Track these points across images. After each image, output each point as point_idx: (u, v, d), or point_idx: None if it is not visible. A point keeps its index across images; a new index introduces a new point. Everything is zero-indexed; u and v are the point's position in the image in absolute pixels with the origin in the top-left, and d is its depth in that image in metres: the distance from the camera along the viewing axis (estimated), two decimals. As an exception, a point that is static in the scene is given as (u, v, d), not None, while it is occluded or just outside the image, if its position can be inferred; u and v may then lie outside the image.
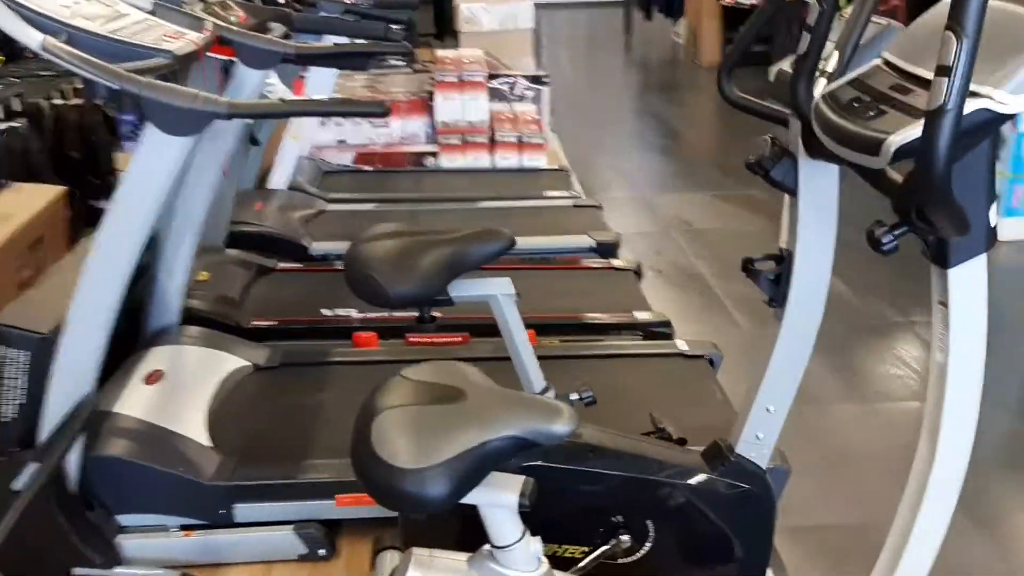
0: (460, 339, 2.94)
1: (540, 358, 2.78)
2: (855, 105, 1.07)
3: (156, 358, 2.46)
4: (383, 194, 4.42)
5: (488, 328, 2.93)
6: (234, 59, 2.52)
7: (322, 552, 2.12)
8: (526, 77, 5.42)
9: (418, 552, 1.26)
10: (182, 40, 2.01)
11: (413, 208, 4.23)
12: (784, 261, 1.65)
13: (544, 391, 1.79)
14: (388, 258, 1.60)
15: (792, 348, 1.68)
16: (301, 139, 4.26)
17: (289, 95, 3.25)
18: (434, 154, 4.94)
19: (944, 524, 1.24)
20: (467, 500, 1.17)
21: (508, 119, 5.03)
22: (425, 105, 5.03)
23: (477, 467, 1.14)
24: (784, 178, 1.56)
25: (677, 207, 4.85)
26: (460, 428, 1.15)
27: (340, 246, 3.69)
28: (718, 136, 6.75)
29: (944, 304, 1.14)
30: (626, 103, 8.16)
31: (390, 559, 2.00)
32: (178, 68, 2.04)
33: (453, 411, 1.19)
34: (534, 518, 1.28)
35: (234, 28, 2.48)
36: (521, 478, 1.22)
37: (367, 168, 4.86)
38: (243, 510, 2.11)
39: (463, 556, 1.28)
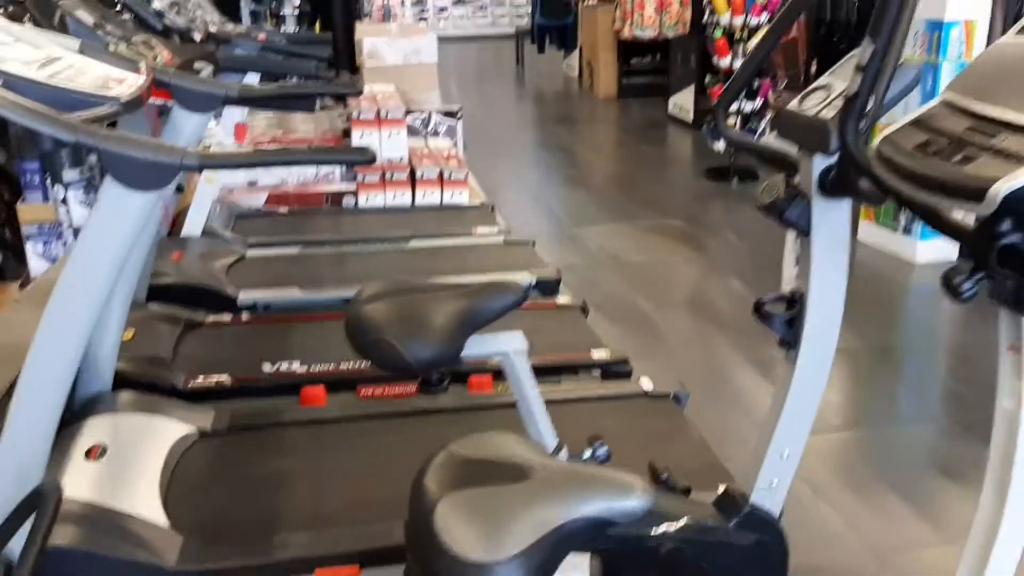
0: (414, 389, 2.81)
1: (502, 406, 2.72)
2: (930, 149, 1.04)
3: (94, 430, 2.25)
4: (304, 236, 4.24)
5: (437, 378, 2.85)
6: (169, 103, 2.36)
7: (301, 635, 1.95)
8: (439, 111, 5.35)
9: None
10: (124, 85, 1.85)
11: (338, 250, 4.07)
12: (796, 303, 1.61)
13: (558, 448, 1.70)
14: (399, 320, 1.48)
15: (806, 390, 1.64)
16: (214, 182, 4.06)
17: (229, 140, 3.07)
18: (352, 193, 4.79)
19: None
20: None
21: (427, 155, 4.94)
22: (339, 142, 4.88)
23: (555, 554, 1.04)
24: (799, 219, 1.53)
25: (601, 239, 4.84)
26: (533, 511, 1.05)
27: (269, 295, 3.51)
28: (626, 167, 6.84)
29: (1017, 350, 1.11)
30: (530, 135, 8.20)
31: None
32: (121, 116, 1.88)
33: (521, 492, 1.09)
34: None
35: (169, 70, 2.32)
36: (586, 558, 1.13)
37: (282, 210, 4.67)
38: (211, 595, 1.93)
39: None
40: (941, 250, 4.34)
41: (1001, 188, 0.93)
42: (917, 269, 4.25)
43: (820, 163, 1.48)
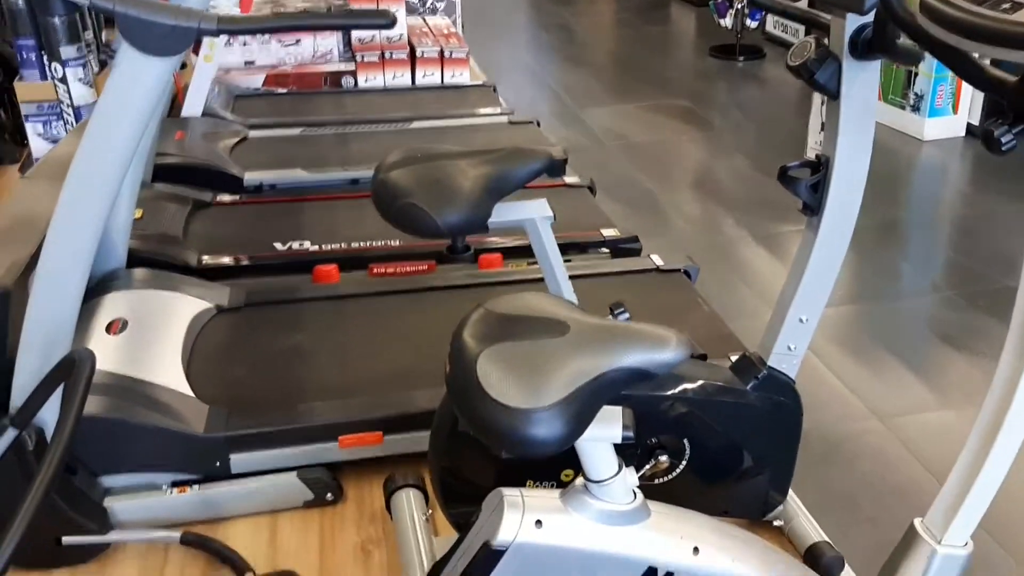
0: (426, 267, 2.83)
1: (514, 282, 2.74)
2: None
3: (112, 306, 2.27)
4: (305, 117, 4.18)
5: (451, 256, 2.87)
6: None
7: (330, 496, 2.02)
8: (438, -12, 5.20)
9: (508, 492, 1.19)
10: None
11: (341, 131, 4.02)
12: (821, 167, 1.61)
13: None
14: (429, 185, 1.47)
15: (827, 256, 1.66)
16: (212, 59, 3.97)
17: (235, 11, 2.99)
18: (351, 73, 4.69)
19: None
20: (571, 437, 1.11)
21: (426, 33, 4.82)
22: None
23: (594, 402, 1.07)
24: (828, 82, 1.51)
25: (607, 120, 4.79)
26: (573, 362, 1.07)
27: (274, 175, 3.49)
28: (628, 47, 6.69)
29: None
30: (528, 15, 7.99)
31: (407, 498, 1.93)
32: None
33: (561, 345, 1.11)
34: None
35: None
36: (619, 409, 1.16)
37: (281, 91, 4.58)
38: (240, 460, 1.99)
39: (554, 493, 1.22)
40: (948, 127, 4.31)
41: (1054, 33, 0.92)
42: (925, 145, 4.23)
43: (853, 23, 1.45)
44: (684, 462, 1.74)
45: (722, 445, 1.76)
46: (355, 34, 4.68)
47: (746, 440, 1.77)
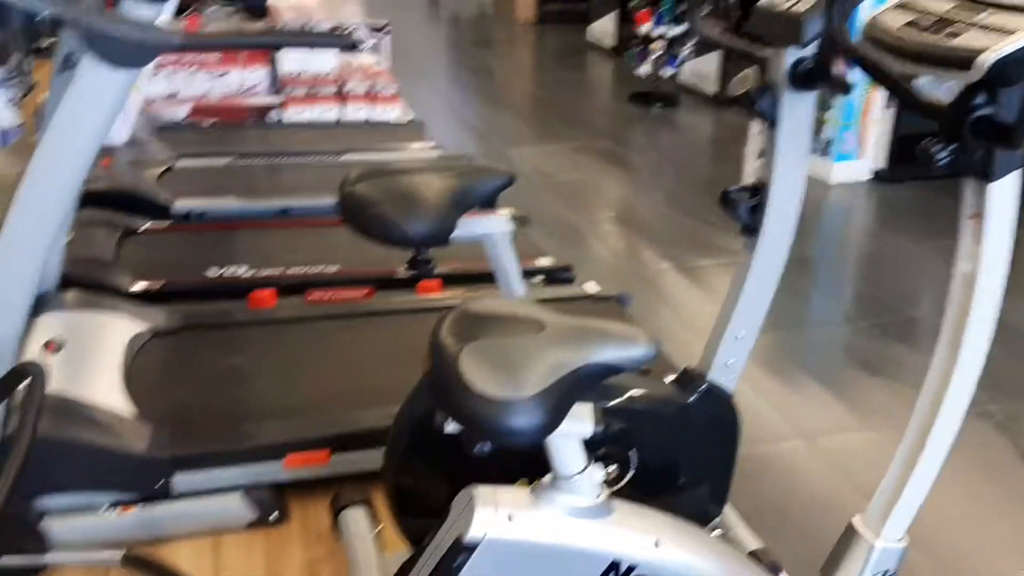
0: (364, 293, 2.85)
1: (447, 309, 2.78)
2: (918, 27, 1.13)
3: (49, 326, 2.22)
4: (232, 148, 4.16)
5: (390, 282, 2.90)
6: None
7: (275, 516, 2.01)
8: (367, 26, 5.27)
9: (479, 489, 1.23)
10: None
11: (270, 162, 4.02)
12: (759, 191, 1.71)
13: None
14: (397, 196, 1.51)
15: (765, 275, 1.75)
16: (140, 90, 3.94)
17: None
18: (278, 107, 4.70)
19: (958, 424, 1.35)
20: (544, 432, 1.16)
21: (355, 70, 4.87)
22: (266, 55, 4.76)
23: (571, 394, 1.13)
24: (768, 109, 1.62)
25: (533, 159, 4.90)
26: (551, 357, 1.13)
27: (204, 203, 3.46)
28: (550, 90, 6.86)
29: (978, 217, 1.23)
30: (451, 58, 8.12)
31: (355, 516, 1.93)
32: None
33: (538, 341, 1.16)
34: (521, 453, 1.28)
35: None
36: (590, 406, 1.22)
37: (206, 123, 4.55)
38: (183, 481, 1.96)
39: (524, 490, 1.26)
40: (855, 171, 4.58)
41: (989, 56, 1.03)
42: (833, 189, 4.48)
43: (792, 56, 1.56)
44: (631, 472, 1.79)
45: (666, 456, 1.82)
46: (283, 68, 4.69)
47: (689, 451, 1.83)
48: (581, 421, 1.20)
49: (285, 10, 5.03)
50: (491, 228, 1.69)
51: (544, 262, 3.03)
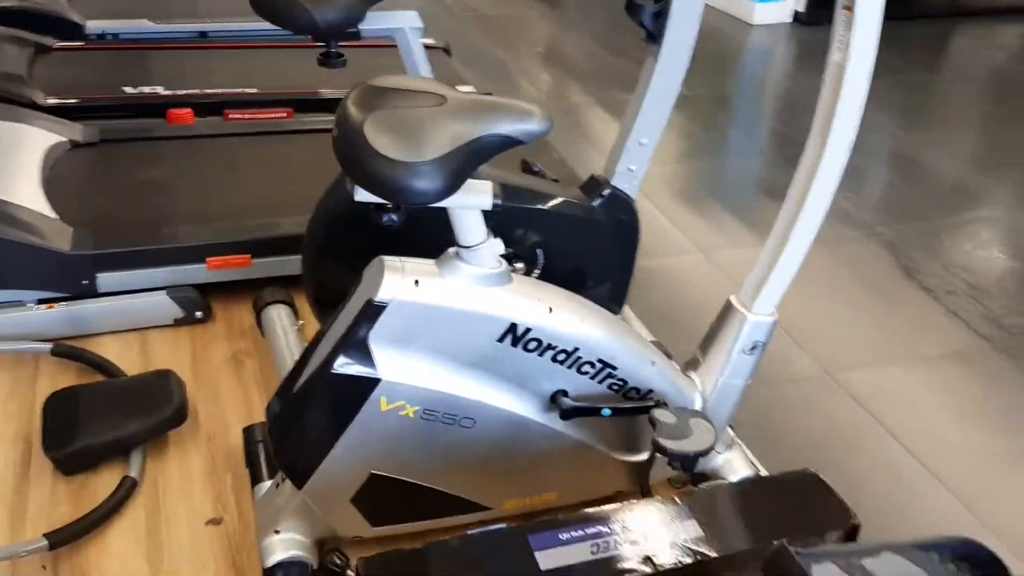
0: (284, 114, 2.87)
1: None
2: None
3: (-39, 132, 2.21)
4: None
5: (310, 103, 2.92)
6: None
7: (199, 315, 2.10)
8: None
9: (388, 259, 1.32)
10: None
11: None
12: (664, -2, 1.77)
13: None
14: (307, -17, 1.53)
15: (666, 81, 1.83)
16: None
17: None
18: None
19: (826, 207, 1.49)
20: (445, 203, 1.25)
21: None
22: None
23: (470, 161, 1.21)
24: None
25: (459, -7, 4.85)
26: (452, 127, 1.20)
27: (118, 24, 3.37)
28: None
29: (849, 8, 1.33)
30: None
31: (277, 313, 2.04)
32: None
33: (440, 113, 1.23)
34: (414, 243, 1.39)
35: None
36: (488, 183, 1.31)
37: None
38: (107, 279, 2.03)
39: (429, 261, 1.36)
40: (777, 13, 4.64)
41: None
42: (754, 29, 4.54)
43: None
44: (537, 271, 1.92)
45: (571, 256, 1.94)
46: None
47: (592, 252, 1.96)
48: (481, 195, 1.29)
49: None
50: (401, 23, 1.73)
51: (466, 89, 3.06)
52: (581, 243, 1.94)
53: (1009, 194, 3.22)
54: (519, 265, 1.90)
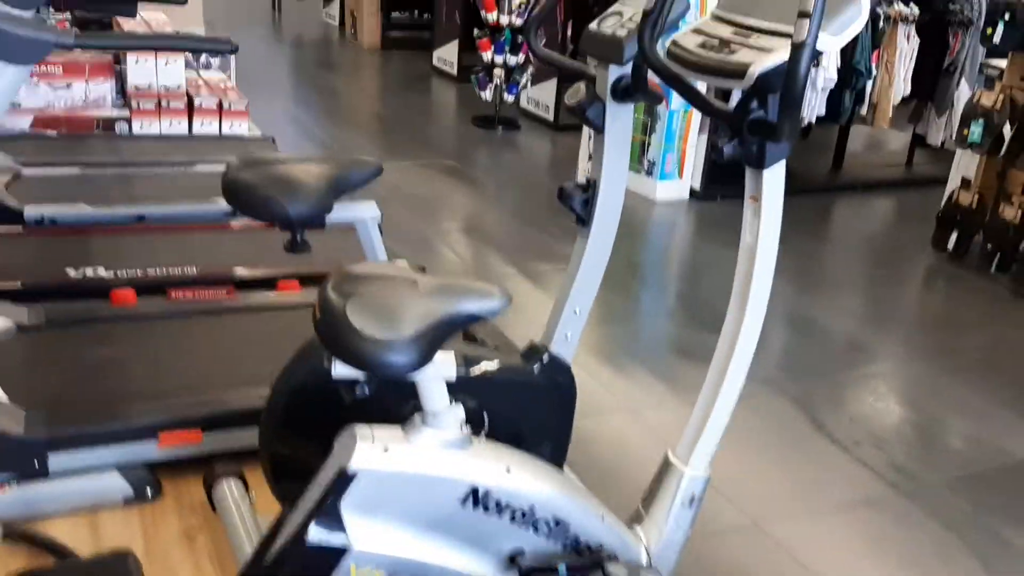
0: (225, 292, 2.98)
1: (305, 306, 2.95)
2: (706, 47, 1.45)
3: (-90, 319, 2.25)
4: (81, 158, 4.16)
5: (250, 282, 3.04)
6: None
7: (150, 492, 2.12)
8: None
9: (359, 427, 1.43)
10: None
11: (121, 172, 4.04)
12: (590, 188, 2.01)
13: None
14: (280, 180, 1.69)
15: (595, 258, 2.05)
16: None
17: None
18: (125, 119, 4.71)
19: (746, 369, 1.67)
20: (416, 374, 1.39)
21: (203, 85, 4.94)
22: (110, 68, 4.77)
23: (440, 336, 1.35)
24: (596, 118, 1.92)
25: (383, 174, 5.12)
26: (423, 307, 1.35)
27: (56, 209, 3.46)
28: (397, 111, 7.11)
29: (756, 199, 1.55)
30: (297, 79, 8.23)
31: (229, 486, 2.08)
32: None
33: (412, 294, 1.38)
34: (377, 413, 1.51)
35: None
36: (451, 353, 1.45)
37: (52, 133, 4.51)
38: (58, 460, 2.05)
39: (397, 428, 1.47)
40: (676, 189, 5.08)
41: (755, 69, 1.35)
42: (657, 205, 4.94)
43: (614, 72, 1.87)
44: (483, 433, 2.04)
45: (514, 418, 2.07)
46: (131, 81, 4.71)
47: (533, 414, 2.10)
48: (446, 364, 1.43)
49: (137, 24, 5.03)
50: (363, 213, 1.91)
51: (401, 264, 3.24)
52: (523, 406, 2.08)
53: (898, 348, 3.52)
54: (466, 429, 2.01)
